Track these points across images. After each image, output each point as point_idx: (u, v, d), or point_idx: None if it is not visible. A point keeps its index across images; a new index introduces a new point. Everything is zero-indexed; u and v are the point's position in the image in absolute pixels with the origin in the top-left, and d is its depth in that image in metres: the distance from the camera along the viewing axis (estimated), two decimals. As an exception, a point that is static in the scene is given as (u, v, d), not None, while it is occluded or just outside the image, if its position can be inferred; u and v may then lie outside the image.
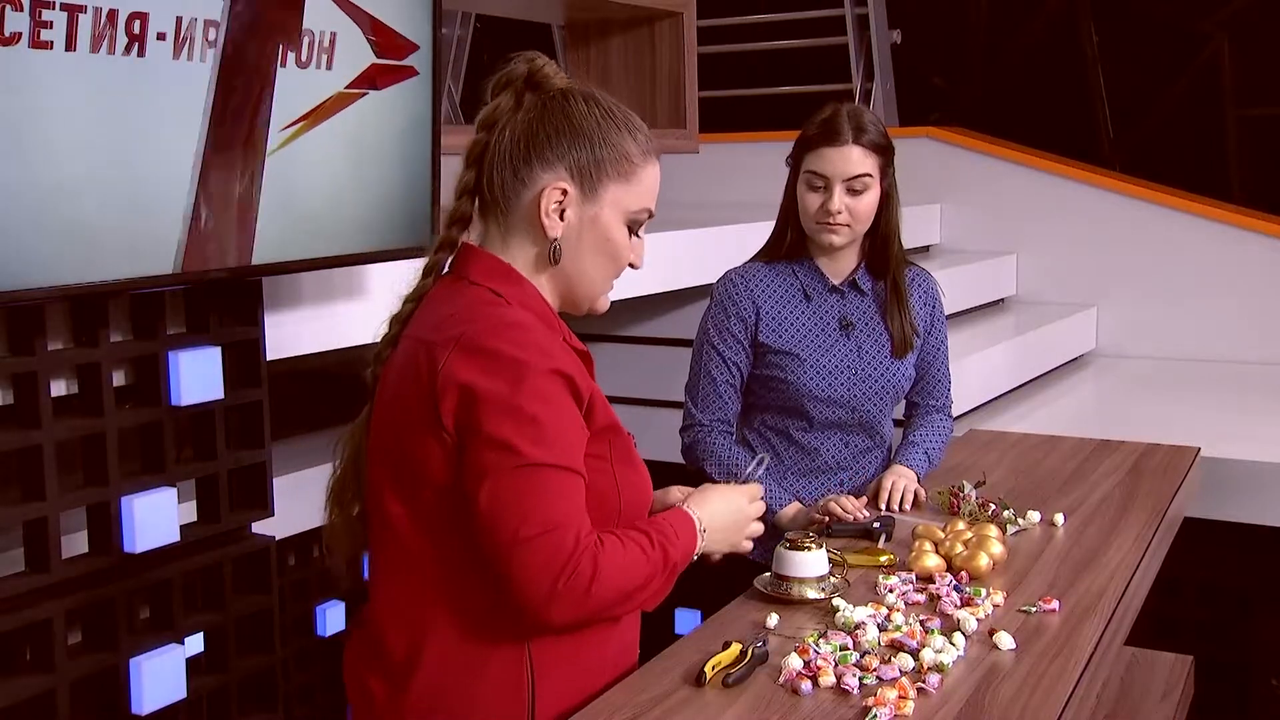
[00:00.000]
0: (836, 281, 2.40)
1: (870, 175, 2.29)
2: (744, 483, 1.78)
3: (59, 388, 1.96)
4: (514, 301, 1.55)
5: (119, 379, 2.03)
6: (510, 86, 1.59)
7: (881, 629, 1.71)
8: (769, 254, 2.43)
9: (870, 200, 2.32)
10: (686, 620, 3.24)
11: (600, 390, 1.58)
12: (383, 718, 1.58)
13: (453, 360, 1.46)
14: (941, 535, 2.03)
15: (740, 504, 1.73)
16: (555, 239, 1.57)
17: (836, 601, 1.81)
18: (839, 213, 2.29)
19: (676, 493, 1.78)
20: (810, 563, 1.89)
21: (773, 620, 1.78)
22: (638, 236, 1.63)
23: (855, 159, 2.27)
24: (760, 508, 1.76)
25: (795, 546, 1.89)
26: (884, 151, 2.32)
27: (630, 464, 1.61)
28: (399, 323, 1.62)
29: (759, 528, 1.76)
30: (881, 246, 2.39)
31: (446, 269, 1.63)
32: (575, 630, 1.54)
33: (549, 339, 1.52)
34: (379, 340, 1.64)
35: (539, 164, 1.56)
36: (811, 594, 1.86)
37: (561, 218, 1.57)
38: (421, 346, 1.51)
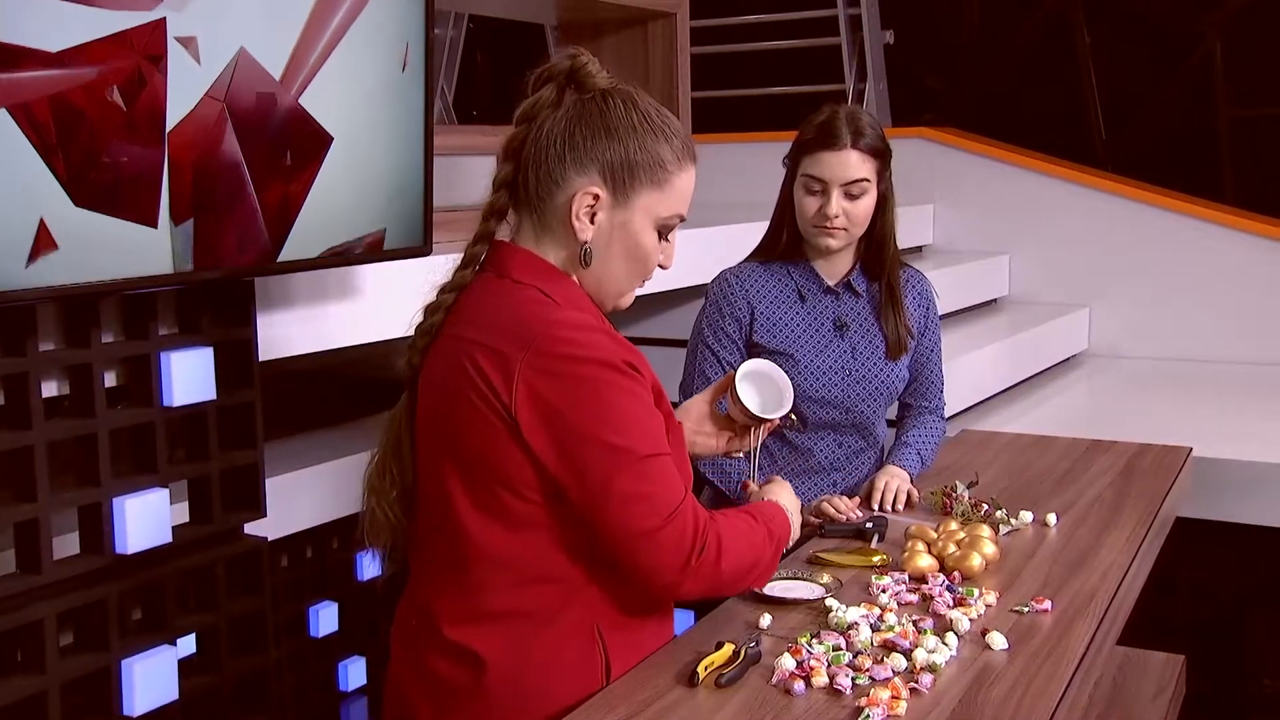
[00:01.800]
0: (832, 283, 2.40)
1: (868, 180, 2.29)
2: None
3: (50, 388, 1.95)
4: (563, 301, 1.55)
5: (110, 380, 2.02)
6: (552, 81, 1.58)
7: (874, 629, 1.72)
8: (764, 254, 2.43)
9: (867, 204, 2.31)
10: (680, 620, 3.23)
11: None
12: (451, 713, 1.58)
13: (526, 372, 1.47)
14: (934, 535, 2.03)
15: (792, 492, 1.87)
16: (586, 242, 1.57)
17: (830, 602, 1.81)
18: (836, 216, 2.29)
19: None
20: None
21: (766, 620, 1.78)
22: (666, 240, 1.63)
23: (853, 163, 2.27)
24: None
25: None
26: (881, 155, 2.32)
27: (682, 452, 1.63)
28: (437, 312, 1.60)
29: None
30: (877, 248, 2.39)
31: (481, 264, 1.62)
32: (647, 615, 1.64)
33: (609, 334, 1.53)
34: (415, 329, 1.63)
35: (573, 166, 1.55)
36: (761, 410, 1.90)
37: (592, 221, 1.56)
38: (479, 350, 1.51)
